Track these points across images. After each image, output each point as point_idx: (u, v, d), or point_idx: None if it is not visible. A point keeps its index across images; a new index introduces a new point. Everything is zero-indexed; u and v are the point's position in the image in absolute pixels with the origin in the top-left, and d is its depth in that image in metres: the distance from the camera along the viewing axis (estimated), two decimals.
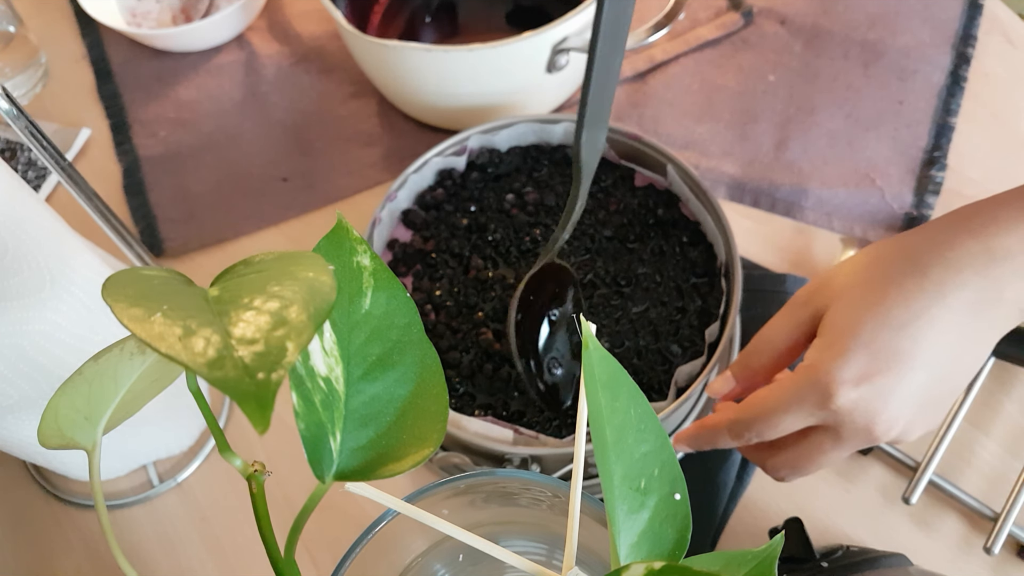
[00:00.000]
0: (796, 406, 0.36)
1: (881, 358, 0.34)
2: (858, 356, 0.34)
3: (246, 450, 0.55)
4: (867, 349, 0.34)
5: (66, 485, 0.54)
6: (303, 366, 0.23)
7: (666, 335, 0.50)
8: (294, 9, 0.76)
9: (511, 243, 0.54)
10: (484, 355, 0.50)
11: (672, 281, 0.52)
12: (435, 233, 0.55)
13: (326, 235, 0.26)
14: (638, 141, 0.55)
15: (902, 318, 0.34)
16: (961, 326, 0.34)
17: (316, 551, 0.50)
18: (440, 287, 0.53)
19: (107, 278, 0.20)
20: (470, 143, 0.56)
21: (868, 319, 0.35)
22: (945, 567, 0.48)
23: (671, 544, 0.24)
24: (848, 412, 0.35)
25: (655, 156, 0.55)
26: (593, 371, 0.24)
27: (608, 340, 0.50)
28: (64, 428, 0.25)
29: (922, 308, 0.34)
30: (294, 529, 0.23)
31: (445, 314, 0.52)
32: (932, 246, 0.35)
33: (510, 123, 0.57)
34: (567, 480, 0.26)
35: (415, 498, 0.29)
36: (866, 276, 0.36)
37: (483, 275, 0.52)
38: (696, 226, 0.54)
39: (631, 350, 0.50)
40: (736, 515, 0.51)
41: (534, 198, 0.55)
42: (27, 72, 0.72)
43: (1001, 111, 0.65)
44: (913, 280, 0.34)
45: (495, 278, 0.52)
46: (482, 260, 0.53)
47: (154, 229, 0.64)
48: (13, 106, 0.38)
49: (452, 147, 0.56)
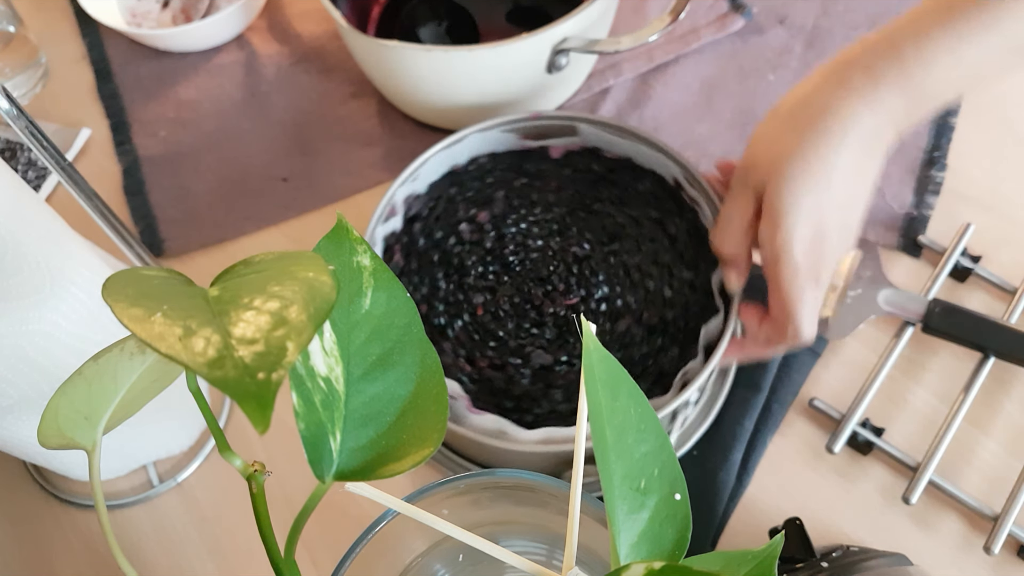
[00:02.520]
0: (791, 294, 0.43)
1: (817, 221, 0.41)
2: (802, 230, 0.42)
3: (246, 450, 0.55)
4: (807, 220, 0.41)
5: (66, 485, 0.54)
6: (303, 366, 0.23)
7: (668, 264, 0.51)
8: (294, 9, 0.76)
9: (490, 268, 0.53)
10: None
11: (644, 218, 0.53)
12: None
13: (326, 235, 0.26)
14: (538, 118, 0.55)
15: (822, 179, 0.41)
16: (859, 163, 0.42)
17: (316, 551, 0.50)
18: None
19: (107, 278, 0.20)
20: (396, 197, 0.54)
21: (800, 194, 0.41)
22: (945, 567, 0.48)
23: (671, 544, 0.24)
24: (805, 261, 0.42)
25: (560, 124, 0.56)
26: (593, 371, 0.24)
27: (630, 296, 0.51)
28: (64, 428, 0.25)
29: (832, 166, 0.41)
30: (294, 529, 0.23)
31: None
32: (826, 103, 0.41)
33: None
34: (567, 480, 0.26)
35: (415, 498, 0.29)
36: (783, 146, 0.42)
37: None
38: (630, 161, 0.55)
39: (655, 294, 0.51)
40: (736, 515, 0.51)
41: (485, 216, 0.54)
42: (27, 72, 0.72)
43: (1001, 111, 0.65)
44: (824, 140, 0.41)
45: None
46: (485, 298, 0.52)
47: (154, 229, 0.64)
48: (13, 106, 0.38)
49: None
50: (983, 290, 0.57)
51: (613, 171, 0.55)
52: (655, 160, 0.54)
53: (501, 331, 0.50)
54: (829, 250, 0.42)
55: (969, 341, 0.53)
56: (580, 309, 0.50)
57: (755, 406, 0.53)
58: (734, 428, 0.52)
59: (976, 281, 0.57)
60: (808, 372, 0.55)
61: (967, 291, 0.57)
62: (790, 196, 0.41)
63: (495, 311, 0.50)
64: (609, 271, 0.51)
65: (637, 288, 0.51)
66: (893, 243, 0.59)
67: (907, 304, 0.54)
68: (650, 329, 0.50)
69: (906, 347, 0.54)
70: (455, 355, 0.49)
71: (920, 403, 0.53)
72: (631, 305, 0.50)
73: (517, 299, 0.51)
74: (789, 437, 0.53)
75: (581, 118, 0.55)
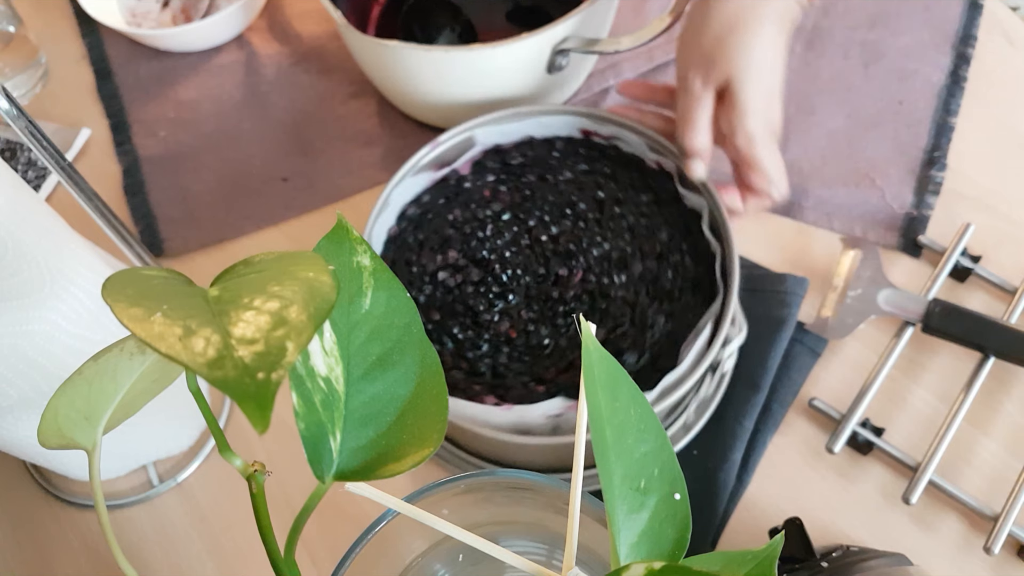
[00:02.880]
0: (759, 151, 0.52)
1: (767, 88, 0.51)
2: (761, 100, 0.50)
3: (246, 450, 0.55)
4: (763, 91, 0.50)
5: (66, 485, 0.54)
6: (303, 366, 0.23)
7: (626, 201, 0.54)
8: (294, 9, 0.76)
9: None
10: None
11: (573, 179, 0.56)
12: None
13: (326, 235, 0.26)
14: (435, 145, 0.56)
15: (766, 60, 0.50)
16: (775, 39, 0.51)
17: (316, 551, 0.50)
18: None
19: (107, 278, 0.20)
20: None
21: (757, 74, 0.50)
22: (945, 567, 0.48)
23: (671, 544, 0.24)
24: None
25: (456, 142, 0.56)
26: (593, 371, 0.24)
27: (620, 240, 0.53)
28: (64, 428, 0.25)
29: (768, 45, 0.50)
30: (294, 529, 0.23)
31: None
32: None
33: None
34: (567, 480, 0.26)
35: (415, 498, 0.29)
36: (730, 45, 0.50)
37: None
38: (531, 139, 0.58)
39: (638, 229, 0.53)
40: (736, 515, 0.51)
41: (454, 255, 0.54)
42: (27, 72, 0.72)
43: (1001, 111, 0.65)
44: (758, 29, 0.50)
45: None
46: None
47: (154, 229, 0.64)
48: (13, 106, 0.38)
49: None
50: (983, 290, 0.57)
51: (523, 155, 0.58)
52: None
53: (547, 337, 0.50)
54: (777, 108, 0.52)
55: (969, 341, 0.53)
56: (594, 281, 0.51)
57: (755, 406, 0.53)
58: (734, 428, 0.52)
59: (976, 281, 0.57)
60: (808, 372, 0.55)
61: (967, 291, 0.57)
62: (751, 79, 0.50)
63: (524, 327, 0.51)
64: (590, 233, 0.53)
65: (621, 232, 0.53)
66: (893, 243, 0.59)
67: (907, 304, 0.54)
68: (658, 258, 0.53)
69: (906, 347, 0.54)
70: (528, 381, 0.49)
71: (920, 403, 0.53)
72: (628, 248, 0.52)
73: (536, 305, 0.51)
74: (789, 437, 0.53)
75: (472, 127, 0.56)
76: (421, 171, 0.55)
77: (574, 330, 0.50)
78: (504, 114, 0.56)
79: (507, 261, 0.52)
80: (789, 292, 0.56)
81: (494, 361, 0.50)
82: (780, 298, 0.56)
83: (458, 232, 0.54)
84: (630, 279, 0.51)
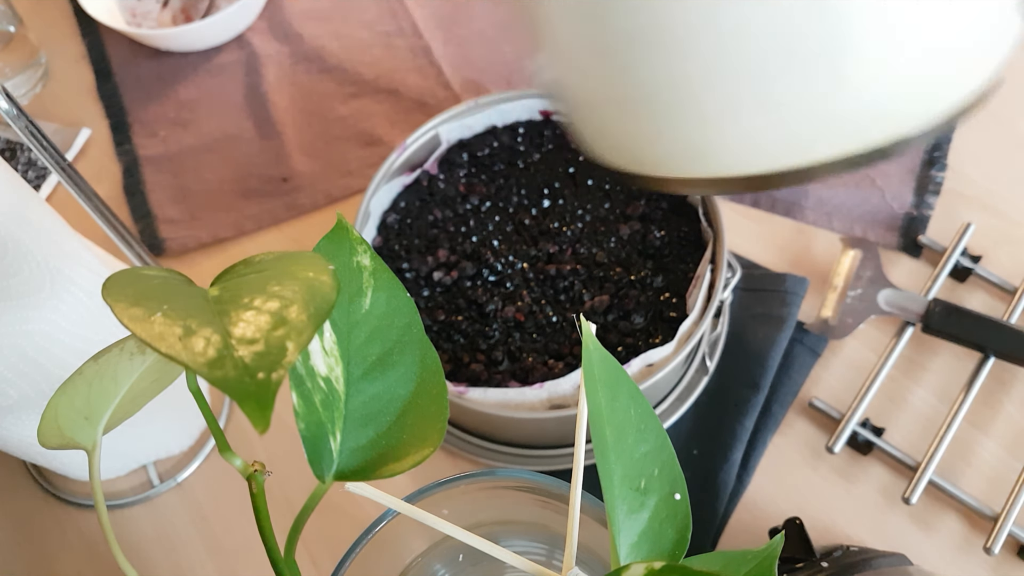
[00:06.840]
0: None
1: None
2: None
3: (246, 450, 0.55)
4: None
5: (66, 485, 0.54)
6: (303, 366, 0.23)
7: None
8: (294, 9, 0.76)
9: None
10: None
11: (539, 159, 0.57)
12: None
13: (326, 235, 0.26)
14: (403, 149, 0.56)
15: None
16: None
17: (316, 551, 0.50)
18: None
19: (107, 278, 0.20)
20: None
21: None
22: (945, 567, 0.48)
23: (671, 544, 0.24)
24: None
25: (423, 143, 0.56)
26: (593, 371, 0.24)
27: (606, 204, 0.54)
28: (64, 428, 0.25)
29: None
30: (294, 529, 0.23)
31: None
32: None
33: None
34: (567, 480, 0.26)
35: (415, 498, 0.29)
36: None
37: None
38: (494, 128, 0.58)
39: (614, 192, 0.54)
40: (736, 515, 0.51)
41: (444, 254, 0.54)
42: (27, 72, 0.72)
43: (1001, 111, 0.65)
44: None
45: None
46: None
47: (154, 229, 0.64)
48: (13, 106, 0.38)
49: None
50: (983, 290, 0.57)
51: (489, 146, 0.58)
52: (513, 111, 0.57)
53: (553, 314, 0.51)
54: None
55: (969, 341, 0.53)
56: (584, 251, 0.52)
57: (755, 406, 0.53)
58: (734, 428, 0.52)
59: (976, 281, 0.57)
60: (808, 372, 0.55)
61: (967, 291, 0.57)
62: None
63: (529, 308, 0.51)
64: (570, 207, 0.54)
65: (599, 201, 0.54)
66: (893, 243, 0.59)
67: (907, 304, 0.54)
68: (641, 218, 0.53)
69: (906, 347, 0.54)
70: (546, 359, 0.50)
71: (920, 403, 0.53)
72: (610, 215, 0.54)
73: (536, 286, 0.52)
74: (789, 437, 0.53)
75: (435, 125, 0.56)
76: (393, 177, 0.56)
77: (578, 301, 0.51)
78: (465, 107, 0.57)
79: (497, 249, 0.53)
80: (789, 292, 0.56)
81: (508, 347, 0.50)
82: (780, 298, 0.56)
83: (442, 231, 0.55)
84: (619, 243, 0.52)
